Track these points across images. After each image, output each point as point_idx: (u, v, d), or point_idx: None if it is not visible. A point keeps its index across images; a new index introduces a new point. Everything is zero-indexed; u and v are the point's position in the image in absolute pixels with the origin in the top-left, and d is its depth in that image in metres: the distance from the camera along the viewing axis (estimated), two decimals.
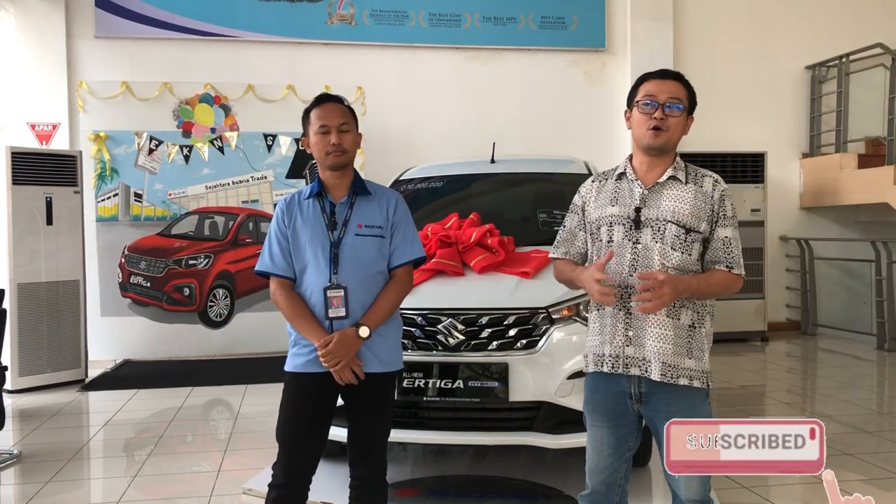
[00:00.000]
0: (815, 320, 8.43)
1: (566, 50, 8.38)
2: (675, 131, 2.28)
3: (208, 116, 7.25)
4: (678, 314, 2.23)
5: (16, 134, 7.29)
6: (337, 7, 7.98)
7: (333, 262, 2.47)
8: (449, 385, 3.34)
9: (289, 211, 2.56)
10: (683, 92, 2.31)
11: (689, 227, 2.24)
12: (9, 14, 7.43)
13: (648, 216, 2.26)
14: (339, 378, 2.43)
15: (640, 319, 2.23)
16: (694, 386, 2.22)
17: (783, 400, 5.71)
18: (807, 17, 8.78)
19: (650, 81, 2.31)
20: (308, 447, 2.49)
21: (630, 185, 2.32)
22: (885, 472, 3.88)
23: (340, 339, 2.41)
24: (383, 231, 2.55)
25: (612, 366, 2.27)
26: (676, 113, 2.27)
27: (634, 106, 2.32)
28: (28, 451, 4.39)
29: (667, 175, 2.29)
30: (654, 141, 2.26)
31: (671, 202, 2.26)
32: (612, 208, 2.31)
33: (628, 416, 2.29)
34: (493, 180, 4.79)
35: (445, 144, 7.78)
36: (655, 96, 2.27)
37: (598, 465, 2.34)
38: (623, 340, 2.25)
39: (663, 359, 2.21)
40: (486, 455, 4.06)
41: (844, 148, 8.27)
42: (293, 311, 2.48)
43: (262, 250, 2.57)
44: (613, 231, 2.29)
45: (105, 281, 7.05)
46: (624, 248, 2.26)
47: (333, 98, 2.60)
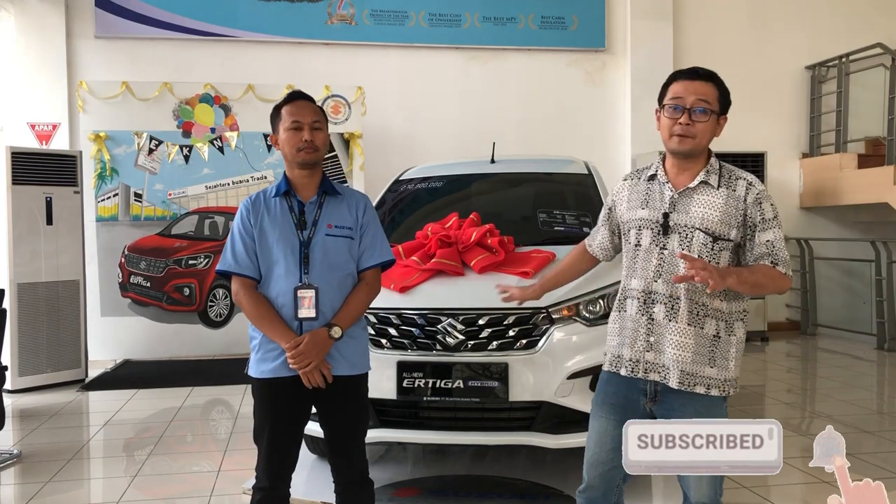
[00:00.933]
0: (814, 320, 8.43)
1: (566, 50, 8.38)
2: (704, 137, 2.19)
3: (208, 116, 7.24)
4: (702, 323, 2.18)
5: (16, 134, 7.30)
6: (337, 7, 7.98)
7: (304, 262, 2.43)
8: (449, 385, 3.34)
9: (255, 209, 2.51)
10: (714, 93, 2.19)
11: (718, 234, 2.17)
12: (9, 14, 7.43)
13: (677, 222, 2.20)
14: (307, 381, 2.40)
15: (661, 326, 2.20)
16: (711, 394, 2.18)
17: (783, 400, 5.71)
18: (807, 17, 8.79)
19: (679, 81, 2.21)
20: (287, 450, 2.49)
21: (661, 187, 2.26)
22: (886, 472, 3.88)
23: (311, 340, 2.37)
24: (352, 232, 2.52)
25: (632, 370, 2.25)
26: (704, 118, 2.17)
27: (662, 107, 2.23)
28: (28, 451, 4.39)
29: (698, 180, 2.20)
30: (680, 147, 2.19)
31: (700, 208, 2.18)
32: (643, 211, 2.27)
33: (639, 412, 2.24)
34: (493, 180, 4.79)
35: (445, 144, 7.78)
36: (682, 99, 2.17)
37: (597, 458, 2.29)
38: (644, 346, 2.23)
39: (682, 367, 2.17)
40: (486, 455, 4.06)
41: (844, 148, 8.27)
42: (258, 311, 2.42)
43: (225, 249, 2.51)
44: (641, 235, 2.26)
45: (105, 281, 7.04)
46: (650, 254, 2.23)
47: (305, 96, 2.57)
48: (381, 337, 3.43)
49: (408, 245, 3.87)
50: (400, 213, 4.78)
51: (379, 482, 3.60)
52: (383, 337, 3.43)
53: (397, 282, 3.55)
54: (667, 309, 2.19)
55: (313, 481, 3.62)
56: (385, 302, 3.48)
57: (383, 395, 3.37)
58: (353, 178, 7.33)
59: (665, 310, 2.20)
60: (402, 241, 3.98)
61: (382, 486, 3.60)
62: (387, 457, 4.11)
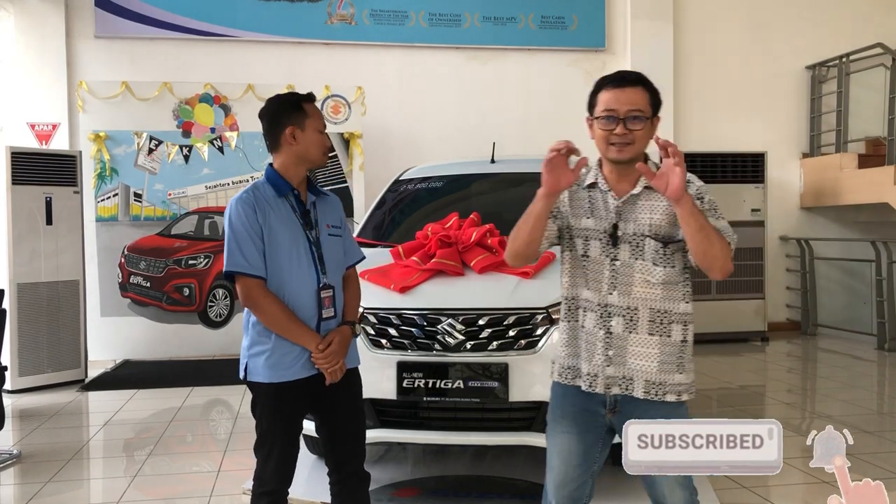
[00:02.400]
0: (815, 320, 8.43)
1: (566, 50, 8.38)
2: (641, 142, 2.13)
3: (208, 116, 7.24)
4: (669, 331, 2.13)
5: (16, 134, 7.29)
6: (337, 7, 7.98)
7: (320, 262, 2.45)
8: (449, 385, 3.34)
9: (259, 208, 2.40)
10: (645, 98, 2.13)
11: (668, 237, 2.11)
12: (8, 14, 7.42)
13: (626, 231, 2.12)
14: (331, 378, 2.43)
15: (620, 339, 2.12)
16: (682, 400, 2.13)
17: (783, 400, 5.71)
18: (807, 17, 8.78)
19: (608, 90, 2.13)
20: (293, 454, 2.51)
21: (603, 195, 2.18)
22: (886, 472, 3.87)
23: (341, 340, 2.43)
24: (340, 231, 2.59)
25: (590, 384, 2.15)
26: (639, 125, 2.11)
27: (595, 118, 2.16)
28: (28, 451, 4.39)
29: (641, 185, 2.14)
30: (620, 156, 2.12)
31: (647, 214, 2.12)
32: (588, 221, 2.18)
33: (599, 423, 2.18)
34: (493, 180, 4.79)
35: (445, 144, 7.78)
36: (615, 110, 2.10)
37: (565, 477, 2.19)
38: (603, 360, 2.13)
39: (646, 377, 2.11)
40: (486, 455, 4.06)
41: (844, 148, 8.26)
42: (283, 315, 2.36)
43: (230, 250, 2.39)
44: (589, 246, 2.16)
45: (105, 281, 7.04)
46: (601, 265, 2.14)
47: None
48: (381, 337, 3.43)
49: (408, 245, 3.87)
50: (400, 213, 4.78)
51: (379, 482, 3.61)
52: (383, 337, 3.43)
53: (397, 282, 3.55)
54: (625, 321, 2.12)
55: (313, 481, 3.61)
56: (385, 302, 3.48)
57: (383, 396, 3.37)
58: (353, 178, 7.34)
59: (624, 322, 2.12)
60: (402, 241, 3.98)
61: (382, 486, 3.60)
62: (387, 457, 4.11)
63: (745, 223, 7.92)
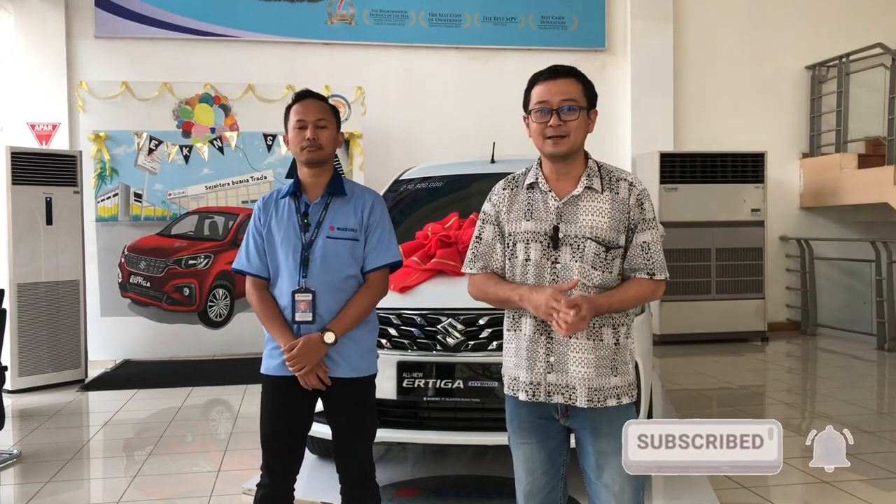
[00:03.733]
0: (815, 320, 8.43)
1: (566, 50, 8.37)
2: (578, 134, 2.09)
3: (208, 116, 7.24)
4: (600, 335, 2.08)
5: (16, 134, 7.29)
6: (337, 7, 7.98)
7: (303, 265, 2.43)
8: (449, 385, 3.34)
9: (265, 210, 2.52)
10: (578, 88, 2.11)
11: (609, 242, 2.07)
12: (9, 14, 7.43)
13: (567, 233, 2.08)
14: (303, 383, 2.42)
15: (561, 344, 2.07)
16: (623, 403, 2.09)
17: (783, 400, 5.71)
18: (807, 17, 8.78)
19: (540, 84, 2.13)
20: (289, 448, 2.50)
21: (544, 196, 2.13)
22: (885, 472, 3.88)
23: (305, 344, 2.38)
24: (356, 234, 2.47)
25: (532, 393, 2.10)
26: (573, 116, 2.08)
27: (529, 113, 2.14)
28: (28, 451, 4.39)
29: (582, 185, 2.10)
30: (556, 149, 2.08)
31: (588, 216, 2.08)
32: (528, 223, 2.12)
33: (556, 427, 2.15)
34: (493, 180, 4.76)
35: (445, 144, 7.78)
36: (548, 101, 2.08)
37: (533, 487, 2.17)
38: (544, 367, 2.08)
39: (588, 384, 2.06)
40: (486, 455, 4.06)
41: (844, 148, 8.27)
42: (264, 312, 2.47)
43: (241, 248, 2.55)
44: (530, 249, 2.10)
45: (105, 281, 7.04)
46: (542, 269, 2.09)
47: (313, 95, 2.54)
48: (381, 337, 3.42)
49: (408, 245, 3.87)
50: (400, 213, 4.77)
51: (379, 482, 3.60)
52: (383, 337, 3.43)
53: (397, 282, 3.55)
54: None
55: (314, 481, 3.61)
56: (385, 302, 3.45)
57: (383, 395, 3.36)
58: (352, 178, 7.33)
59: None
60: (402, 241, 3.97)
61: (382, 487, 3.58)
62: (387, 457, 4.11)
63: (745, 223, 7.93)
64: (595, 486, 2.11)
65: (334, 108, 2.58)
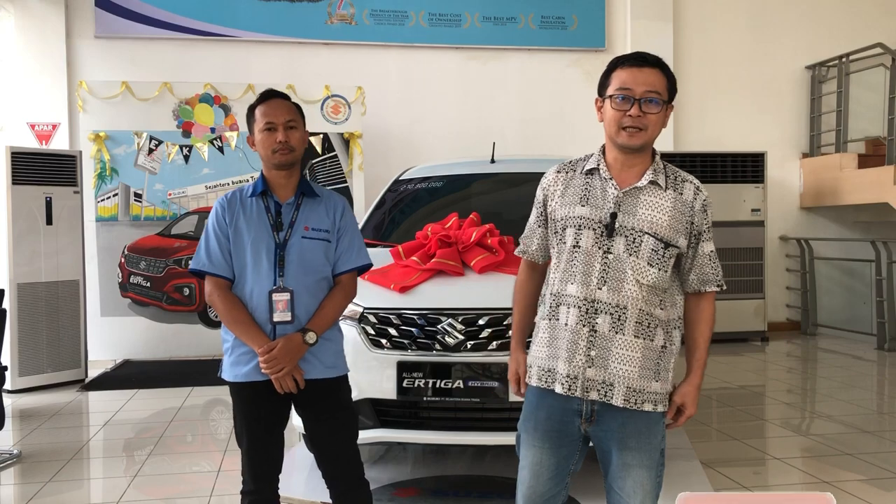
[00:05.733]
0: (815, 320, 8.43)
1: (566, 50, 8.38)
2: (655, 129, 2.02)
3: (208, 116, 7.24)
4: (652, 335, 2.01)
5: (16, 134, 7.29)
6: (337, 7, 7.98)
7: (279, 265, 2.37)
8: (449, 385, 3.34)
9: (230, 208, 2.45)
10: (663, 82, 2.01)
11: (668, 240, 2.00)
12: (9, 14, 7.43)
13: (623, 223, 1.99)
14: (279, 386, 2.34)
15: (606, 339, 1.98)
16: (657, 410, 2.03)
17: (783, 400, 5.70)
18: (807, 17, 8.78)
19: (624, 69, 2.01)
20: (269, 452, 2.46)
21: (603, 183, 2.04)
22: (885, 472, 3.88)
23: (285, 345, 2.31)
24: (329, 235, 2.45)
25: (569, 387, 2.01)
26: (655, 109, 1.99)
27: (607, 98, 2.04)
28: (28, 451, 4.38)
29: (647, 179, 2.02)
30: (631, 142, 2.00)
31: (648, 210, 2.00)
32: (582, 209, 2.03)
33: (573, 434, 2.06)
34: (493, 180, 4.79)
35: (445, 144, 7.78)
36: (631, 90, 1.98)
37: (534, 492, 2.09)
38: (584, 361, 1.99)
39: (628, 383, 1.98)
40: (486, 455, 4.06)
41: (844, 148, 8.26)
42: (232, 314, 2.37)
43: (198, 247, 2.45)
44: (581, 235, 2.02)
45: (105, 281, 7.04)
46: (593, 257, 2.00)
47: (279, 94, 2.49)
48: (381, 337, 3.43)
49: (408, 245, 3.87)
50: (400, 213, 4.78)
51: (379, 482, 3.61)
52: (383, 337, 3.43)
53: (397, 282, 3.56)
54: (613, 320, 1.98)
55: (313, 481, 3.61)
56: (385, 302, 3.49)
57: (383, 395, 3.37)
58: (352, 178, 7.34)
59: (611, 321, 1.98)
60: (402, 241, 3.98)
61: (382, 486, 3.60)
62: (387, 457, 4.11)
63: (745, 223, 7.93)
64: (616, 495, 2.06)
65: (299, 106, 2.54)
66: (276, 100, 2.47)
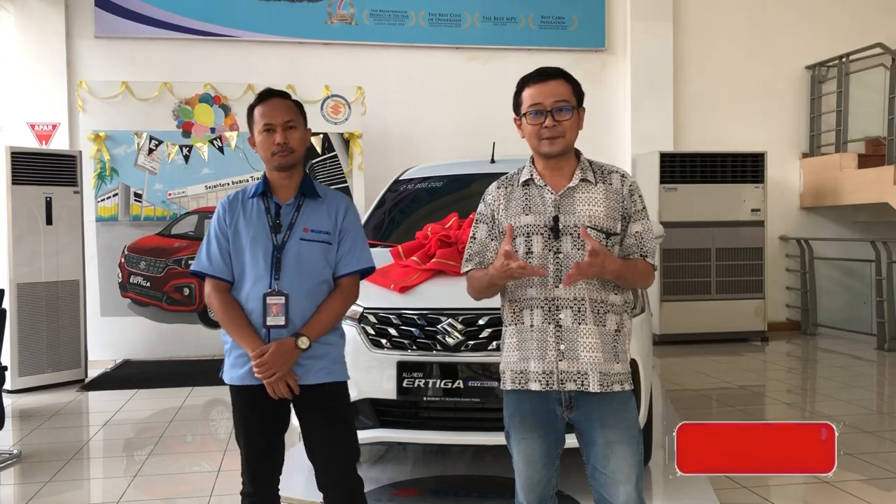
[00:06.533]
0: (815, 320, 8.43)
1: (566, 50, 8.38)
2: (571, 133, 2.20)
3: (208, 116, 7.24)
4: (604, 321, 2.17)
5: (16, 134, 7.29)
6: (337, 7, 7.98)
7: (275, 268, 2.33)
8: (449, 385, 3.34)
9: (231, 209, 2.42)
10: (568, 90, 2.20)
11: (608, 230, 2.17)
12: (8, 14, 7.43)
13: (566, 223, 2.16)
14: (271, 391, 2.30)
15: (571, 331, 2.14)
16: (625, 389, 2.18)
17: (783, 400, 5.71)
18: (806, 17, 8.78)
19: (531, 86, 2.19)
20: (267, 455, 2.44)
21: (540, 191, 2.21)
22: (886, 472, 3.88)
23: (277, 350, 2.27)
24: (330, 237, 2.40)
25: (546, 382, 2.15)
26: (567, 116, 2.17)
27: (522, 116, 2.21)
28: (28, 451, 4.38)
29: (577, 178, 2.20)
30: (552, 149, 2.18)
31: (585, 206, 2.17)
32: (527, 217, 2.20)
33: (558, 422, 2.21)
34: (493, 180, 4.76)
35: (445, 144, 7.78)
36: (541, 103, 2.16)
37: (532, 480, 2.24)
38: (555, 355, 2.14)
39: (599, 368, 2.13)
40: (486, 455, 4.06)
41: (844, 148, 8.26)
42: (227, 316, 2.34)
43: (200, 249, 2.42)
44: (532, 242, 2.18)
45: (105, 281, 7.04)
46: (545, 260, 2.15)
47: (278, 94, 2.45)
48: (381, 337, 3.43)
49: (408, 245, 3.87)
50: (400, 213, 4.78)
51: (379, 482, 3.61)
52: (383, 337, 3.43)
53: (397, 282, 3.56)
54: (573, 312, 2.14)
55: (313, 481, 3.60)
56: (385, 302, 3.49)
57: (383, 395, 3.37)
58: (352, 177, 7.34)
59: (572, 313, 2.14)
60: (402, 241, 3.98)
61: (382, 486, 3.60)
62: (387, 457, 4.11)
63: (745, 223, 7.93)
64: (601, 475, 2.17)
65: (299, 104, 2.49)
66: (275, 99, 2.43)
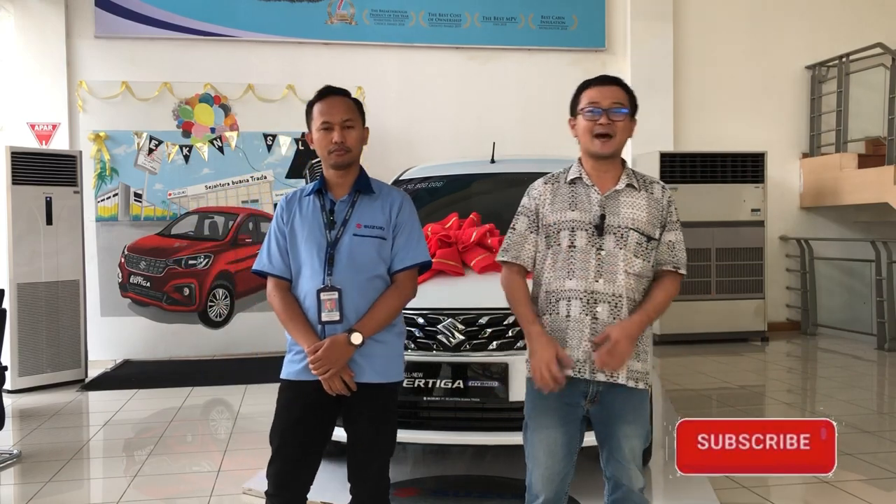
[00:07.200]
0: (815, 320, 8.43)
1: (566, 50, 8.38)
2: (622, 136, 2.31)
3: (208, 116, 7.24)
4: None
5: (16, 134, 7.28)
6: (337, 7, 7.98)
7: (328, 263, 2.33)
8: (449, 385, 3.34)
9: (288, 208, 2.44)
10: (625, 96, 2.33)
11: (648, 234, 2.30)
12: (8, 14, 7.42)
13: (610, 223, 2.28)
14: (327, 387, 2.30)
15: (605, 325, 2.23)
16: (639, 388, 2.29)
17: (783, 400, 5.71)
18: (806, 17, 8.78)
19: (592, 88, 2.33)
20: (300, 459, 2.36)
21: (587, 190, 2.33)
22: (885, 472, 3.88)
23: (331, 346, 2.27)
24: (384, 232, 2.39)
25: (578, 370, 2.25)
26: (621, 117, 2.30)
27: (579, 114, 2.34)
28: (28, 451, 4.38)
29: (623, 182, 2.32)
30: (603, 149, 2.29)
31: (629, 209, 2.29)
32: (573, 213, 2.31)
33: (578, 413, 2.30)
34: (493, 180, 4.78)
35: (445, 144, 7.78)
36: (599, 103, 2.29)
37: (551, 471, 2.29)
38: (590, 346, 2.24)
39: (628, 364, 2.25)
40: (486, 455, 4.06)
41: (844, 148, 8.26)
42: (286, 313, 2.37)
43: (262, 248, 2.45)
44: (576, 236, 2.29)
45: (105, 281, 7.04)
46: (588, 255, 2.27)
47: (338, 91, 2.43)
48: None
49: None
50: None
51: None
52: None
53: None
54: (611, 308, 2.25)
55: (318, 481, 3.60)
56: None
57: None
58: None
59: (609, 308, 2.25)
60: None
61: None
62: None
63: (745, 223, 7.93)
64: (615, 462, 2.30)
65: (358, 102, 2.47)
66: (334, 97, 2.41)
